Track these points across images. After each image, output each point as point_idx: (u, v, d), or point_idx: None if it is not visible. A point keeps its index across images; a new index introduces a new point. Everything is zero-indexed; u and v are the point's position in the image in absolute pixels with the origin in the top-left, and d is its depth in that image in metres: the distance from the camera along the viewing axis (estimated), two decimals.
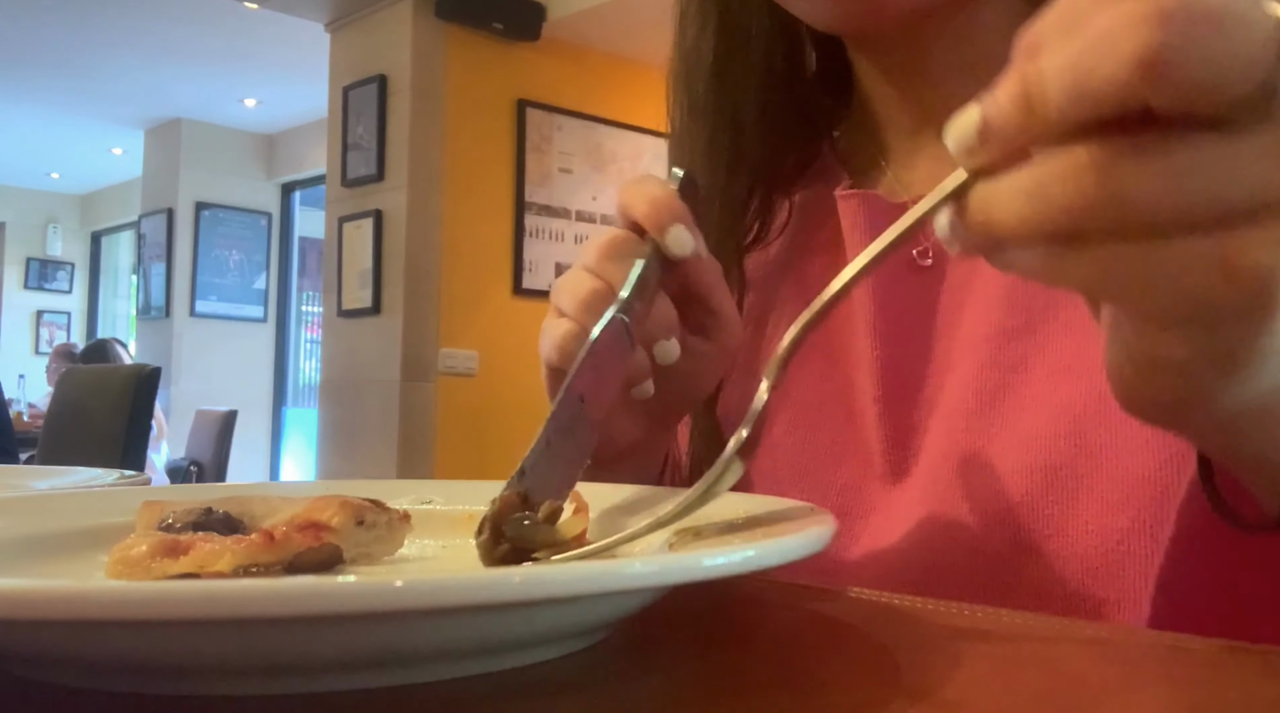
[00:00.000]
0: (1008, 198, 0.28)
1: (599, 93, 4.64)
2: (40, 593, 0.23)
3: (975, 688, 0.28)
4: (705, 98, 0.67)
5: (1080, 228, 0.27)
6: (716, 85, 0.66)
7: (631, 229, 0.52)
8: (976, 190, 0.29)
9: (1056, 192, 0.27)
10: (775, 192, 0.68)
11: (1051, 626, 0.35)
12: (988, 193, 0.29)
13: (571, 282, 0.52)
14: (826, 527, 0.32)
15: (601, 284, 0.51)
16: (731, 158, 0.66)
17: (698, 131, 0.67)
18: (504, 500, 0.40)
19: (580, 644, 0.31)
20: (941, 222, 0.31)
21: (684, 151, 0.68)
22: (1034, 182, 0.28)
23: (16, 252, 9.64)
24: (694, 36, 0.67)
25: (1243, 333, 0.29)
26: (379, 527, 0.41)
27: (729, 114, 0.66)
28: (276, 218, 7.53)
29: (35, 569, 0.39)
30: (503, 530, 0.39)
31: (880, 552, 0.54)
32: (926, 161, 0.62)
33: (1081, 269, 0.29)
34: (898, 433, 0.56)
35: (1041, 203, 0.28)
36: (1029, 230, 0.28)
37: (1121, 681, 0.29)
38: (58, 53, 6.11)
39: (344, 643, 0.26)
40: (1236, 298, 0.28)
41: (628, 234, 0.52)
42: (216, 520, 0.39)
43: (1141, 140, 0.27)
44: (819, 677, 0.30)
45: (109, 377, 2.79)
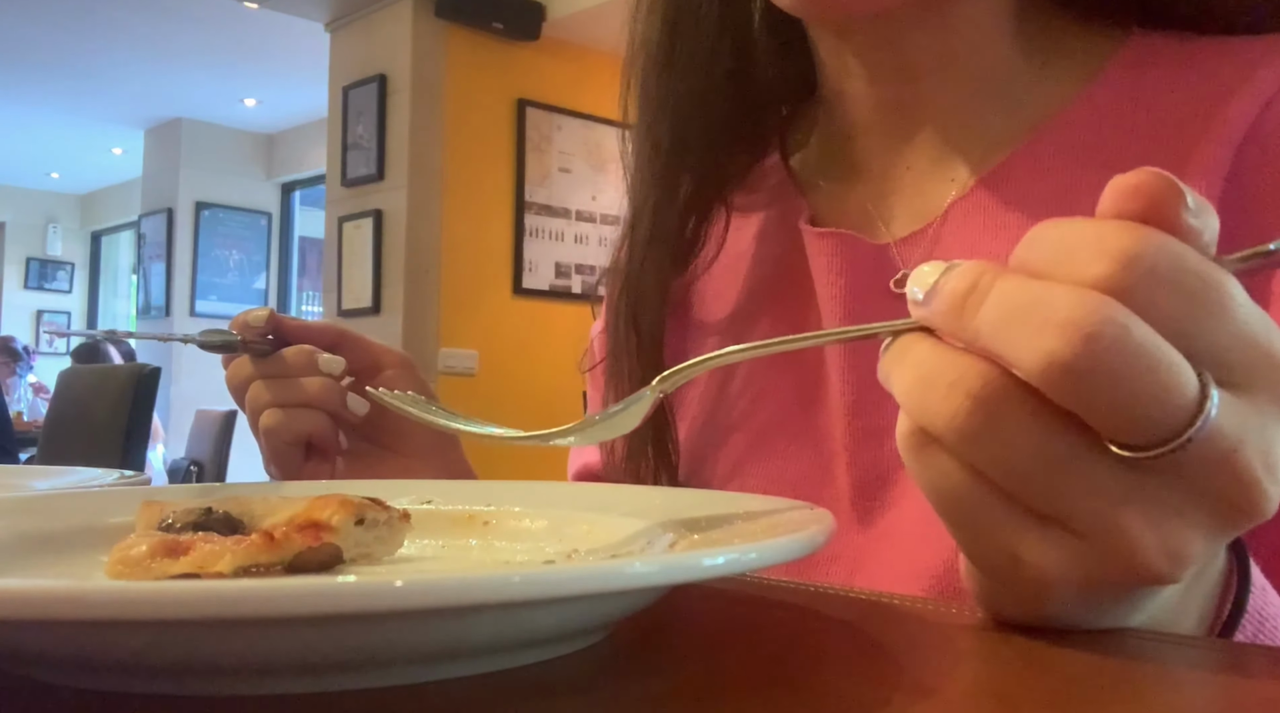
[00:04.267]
0: (910, 369, 0.29)
1: (599, 93, 4.64)
2: (40, 593, 0.23)
3: (975, 688, 0.28)
4: (645, 88, 0.65)
5: (938, 435, 0.28)
6: (659, 75, 0.65)
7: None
8: (906, 338, 0.30)
9: (934, 389, 0.28)
10: (716, 199, 0.66)
11: (1051, 626, 0.35)
12: (907, 347, 0.30)
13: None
14: (825, 527, 0.32)
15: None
16: (670, 158, 0.65)
17: (640, 123, 0.66)
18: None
19: (580, 644, 0.31)
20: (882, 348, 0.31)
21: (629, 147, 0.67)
22: (929, 370, 0.28)
23: (16, 252, 9.64)
24: (643, 23, 0.65)
25: (1025, 604, 0.31)
26: (379, 526, 0.41)
27: (670, 106, 0.64)
28: (276, 218, 7.53)
29: (35, 569, 0.39)
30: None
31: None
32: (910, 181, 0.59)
33: (916, 465, 0.30)
34: (865, 481, 0.55)
35: (923, 391, 0.28)
36: (902, 402, 0.30)
37: (1121, 681, 0.29)
38: (58, 53, 6.11)
39: (344, 643, 0.26)
40: (1014, 579, 0.30)
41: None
42: (216, 520, 0.39)
43: (1029, 400, 0.27)
44: (819, 677, 0.30)
45: (109, 377, 2.79)
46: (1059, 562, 0.28)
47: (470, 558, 0.45)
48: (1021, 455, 0.27)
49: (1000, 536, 0.29)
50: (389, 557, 0.42)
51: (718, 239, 0.66)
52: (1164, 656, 0.32)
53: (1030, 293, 0.27)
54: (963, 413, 0.27)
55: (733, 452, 0.61)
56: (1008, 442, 0.27)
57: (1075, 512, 0.27)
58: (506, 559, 0.44)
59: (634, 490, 0.50)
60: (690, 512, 0.41)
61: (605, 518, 0.44)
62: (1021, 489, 0.28)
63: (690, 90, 0.64)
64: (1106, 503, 0.27)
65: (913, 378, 0.29)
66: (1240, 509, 0.27)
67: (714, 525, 0.39)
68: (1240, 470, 0.27)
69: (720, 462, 0.62)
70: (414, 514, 0.47)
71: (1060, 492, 0.27)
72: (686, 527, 0.40)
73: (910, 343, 0.30)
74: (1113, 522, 0.27)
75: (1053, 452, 0.27)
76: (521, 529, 0.46)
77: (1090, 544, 0.28)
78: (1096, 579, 0.28)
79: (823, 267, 0.58)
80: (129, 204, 8.44)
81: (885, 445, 0.54)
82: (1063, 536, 0.28)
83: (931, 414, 0.28)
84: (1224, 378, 0.27)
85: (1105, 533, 0.27)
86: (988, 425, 0.27)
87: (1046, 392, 0.26)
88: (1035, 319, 0.26)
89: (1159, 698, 0.28)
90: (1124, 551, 0.27)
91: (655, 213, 0.65)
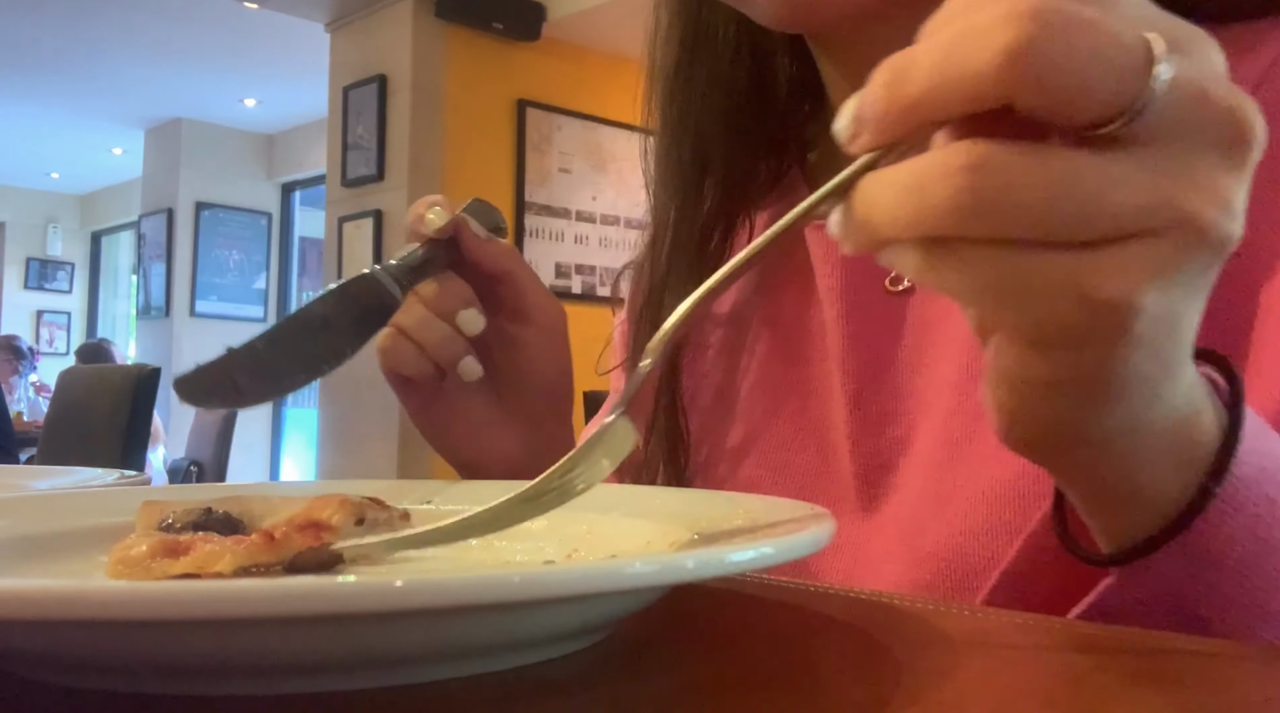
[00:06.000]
0: (887, 193, 0.28)
1: (599, 93, 4.64)
2: (40, 593, 0.23)
3: (975, 688, 0.28)
4: (666, 110, 0.66)
5: (953, 231, 0.27)
6: (677, 95, 0.65)
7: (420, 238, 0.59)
8: (862, 184, 0.29)
9: (932, 190, 0.27)
10: (740, 213, 0.66)
11: (1051, 626, 0.35)
12: (871, 187, 0.29)
13: None
14: (826, 526, 0.32)
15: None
16: (692, 173, 0.65)
17: (660, 141, 0.66)
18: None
19: (580, 644, 0.31)
20: (833, 218, 0.30)
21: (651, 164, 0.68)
22: (913, 177, 0.27)
23: (16, 252, 9.64)
24: (661, 49, 0.66)
25: (1104, 359, 0.29)
26: (379, 526, 0.41)
27: (690, 126, 0.65)
28: (276, 218, 7.53)
29: (35, 569, 0.39)
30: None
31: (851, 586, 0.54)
32: None
33: (953, 276, 0.28)
34: (869, 470, 0.55)
35: (918, 200, 0.27)
36: (905, 230, 0.28)
37: (1121, 681, 0.29)
38: (58, 53, 6.11)
39: (344, 643, 0.26)
40: (1093, 325, 0.28)
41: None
42: (216, 521, 0.39)
43: (1018, 146, 0.26)
44: (819, 677, 0.30)
45: (109, 377, 2.79)
46: (1134, 270, 0.27)
47: (470, 558, 0.45)
48: (1042, 195, 0.26)
49: (1066, 284, 0.27)
50: (389, 557, 0.42)
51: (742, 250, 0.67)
52: (1163, 656, 0.32)
53: (957, 29, 0.27)
54: (965, 192, 0.26)
55: (737, 442, 0.62)
56: (1021, 190, 0.26)
57: (1119, 215, 0.27)
58: (506, 559, 0.44)
59: (634, 490, 0.50)
60: (690, 512, 0.41)
61: (605, 518, 0.44)
62: (1061, 226, 0.27)
63: (711, 109, 0.65)
64: (1142, 189, 0.26)
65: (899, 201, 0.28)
66: (1238, 135, 0.27)
67: (715, 525, 0.39)
68: (1218, 100, 0.27)
69: (725, 453, 0.62)
70: (414, 514, 0.47)
71: (1096, 205, 0.26)
72: (687, 527, 0.40)
73: (878, 179, 0.28)
74: (1160, 201, 0.27)
75: (1066, 173, 0.26)
76: (521, 529, 0.46)
77: (1152, 237, 0.27)
78: (1173, 268, 0.27)
79: (821, 259, 0.59)
80: (129, 204, 8.44)
81: (887, 433, 0.55)
82: (1123, 248, 0.27)
83: (937, 216, 0.27)
84: (1165, 37, 0.27)
85: (1159, 217, 0.27)
86: (995, 185, 0.26)
87: (1016, 93, 0.26)
88: (973, 34, 0.26)
89: (1159, 698, 0.28)
90: (1185, 222, 0.27)
91: (678, 227, 0.65)
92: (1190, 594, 0.35)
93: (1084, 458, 0.34)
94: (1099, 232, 0.27)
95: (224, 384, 0.50)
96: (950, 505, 0.49)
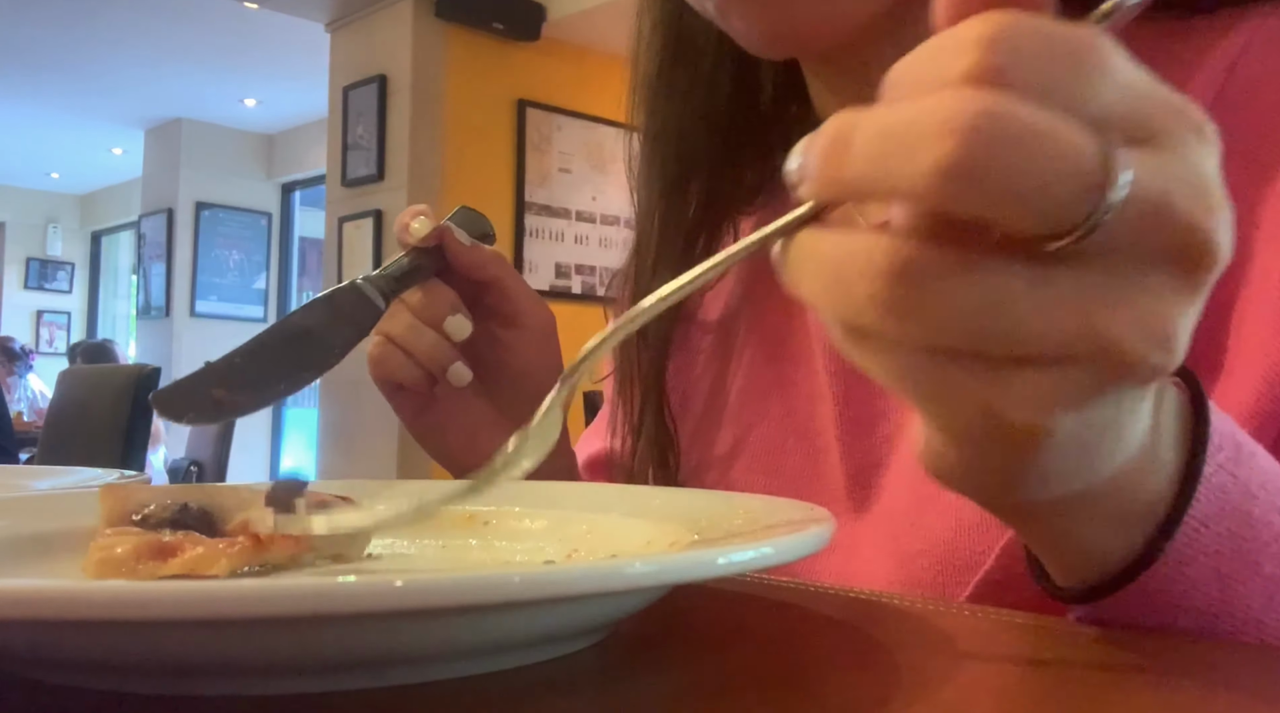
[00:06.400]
0: (814, 273, 0.27)
1: (599, 93, 4.64)
2: (40, 593, 0.23)
3: (975, 688, 0.28)
4: (650, 118, 0.66)
5: (869, 327, 0.26)
6: (660, 101, 0.65)
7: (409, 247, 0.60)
8: (795, 243, 0.27)
9: (852, 283, 0.25)
10: (724, 219, 0.66)
11: (1051, 625, 0.35)
12: (800, 255, 0.27)
13: None
14: (826, 526, 0.32)
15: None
16: (676, 179, 0.65)
17: (644, 149, 0.66)
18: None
19: (580, 644, 0.31)
20: (775, 252, 0.28)
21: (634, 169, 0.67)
22: (835, 266, 0.26)
23: (16, 252, 9.64)
24: (644, 49, 0.66)
25: (1013, 464, 0.28)
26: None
27: (674, 132, 0.65)
28: (276, 218, 7.53)
29: (35, 569, 0.39)
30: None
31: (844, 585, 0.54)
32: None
33: (869, 360, 0.27)
34: (859, 469, 0.55)
35: (838, 290, 0.26)
36: (825, 312, 0.27)
37: (1121, 681, 0.29)
38: (58, 53, 6.11)
39: (344, 643, 0.26)
40: (1000, 437, 0.27)
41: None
42: (194, 517, 0.39)
43: (949, 255, 0.24)
44: (819, 677, 0.30)
45: (109, 377, 2.79)
46: (1048, 398, 0.25)
47: (470, 558, 0.45)
48: (962, 310, 0.24)
49: (976, 399, 0.26)
50: (359, 556, 0.42)
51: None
52: (1163, 656, 0.32)
53: (897, 114, 0.24)
54: (883, 296, 0.25)
55: (727, 447, 0.62)
56: (942, 303, 0.24)
57: (1042, 339, 0.25)
58: (506, 559, 0.44)
59: (634, 490, 0.50)
60: (690, 512, 0.41)
61: (605, 518, 0.44)
62: (978, 343, 0.25)
63: (694, 115, 0.65)
64: (1069, 314, 0.24)
65: (821, 280, 0.26)
66: (1197, 257, 0.25)
67: (714, 525, 0.39)
68: (1179, 216, 0.24)
69: (716, 458, 0.63)
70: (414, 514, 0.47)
71: (1018, 326, 0.24)
72: (686, 527, 0.40)
73: (806, 243, 0.27)
74: (1086, 330, 0.24)
75: (991, 290, 0.24)
76: (521, 529, 0.46)
77: (1073, 365, 0.25)
78: (1091, 398, 0.26)
79: None
80: (129, 204, 8.44)
81: (876, 432, 0.55)
82: (1039, 372, 0.25)
83: (854, 310, 0.26)
84: (1128, 135, 0.24)
85: (1083, 345, 0.25)
86: (914, 295, 0.24)
87: (948, 207, 0.24)
88: (910, 137, 0.24)
89: (1159, 698, 0.28)
90: (1110, 354, 0.25)
91: (662, 233, 0.65)
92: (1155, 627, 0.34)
93: (1023, 516, 0.33)
94: (1018, 352, 0.25)
95: (202, 398, 0.50)
96: (939, 501, 0.49)
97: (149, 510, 0.38)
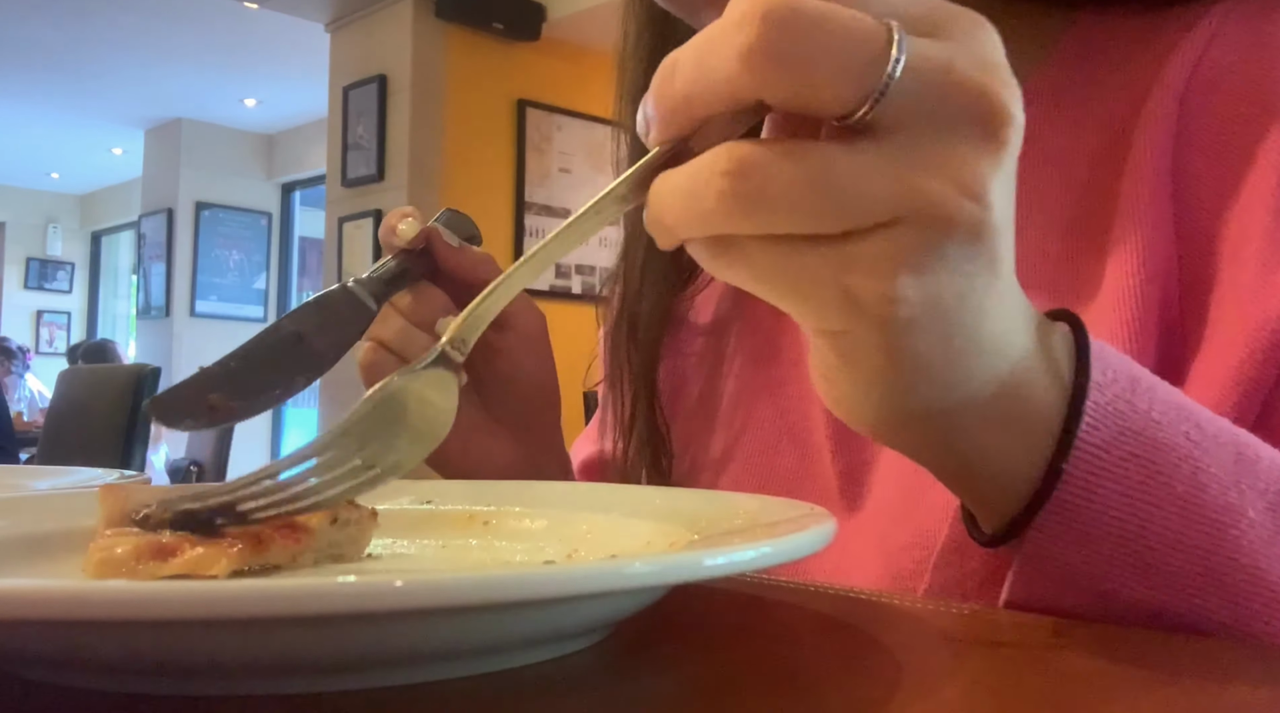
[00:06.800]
0: (671, 197, 0.30)
1: (599, 93, 4.61)
2: (40, 593, 0.23)
3: (975, 688, 0.28)
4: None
5: (727, 231, 0.29)
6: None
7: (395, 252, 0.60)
8: (655, 184, 0.30)
9: (702, 194, 0.28)
10: None
11: (1051, 626, 0.35)
12: (659, 188, 0.30)
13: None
14: (826, 526, 0.32)
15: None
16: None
17: (632, 154, 0.66)
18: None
19: (580, 644, 0.31)
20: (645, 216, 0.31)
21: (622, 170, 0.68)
22: (687, 181, 0.29)
23: (16, 252, 9.65)
24: (630, 53, 0.66)
25: (881, 345, 0.30)
26: (351, 525, 0.41)
27: None
28: (276, 218, 7.54)
29: (35, 569, 0.39)
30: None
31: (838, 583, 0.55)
32: None
33: (735, 271, 0.30)
34: (851, 468, 0.56)
35: (693, 204, 0.29)
36: (689, 231, 0.30)
37: (1121, 681, 0.29)
38: (58, 53, 6.12)
39: (344, 643, 0.26)
40: (858, 313, 0.29)
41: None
42: (193, 517, 0.39)
43: (776, 145, 0.28)
44: (819, 677, 0.30)
45: (109, 377, 2.79)
46: (887, 262, 0.28)
47: (470, 558, 0.45)
48: (794, 189, 0.27)
49: (829, 281, 0.29)
50: (359, 556, 0.42)
51: None
52: (1164, 656, 0.32)
53: (706, 31, 0.28)
54: (729, 191, 0.28)
55: (719, 450, 0.63)
56: (776, 187, 0.27)
57: (866, 204, 0.27)
58: (506, 559, 0.44)
59: (634, 490, 0.50)
60: (690, 512, 0.41)
61: (605, 518, 0.44)
62: (815, 221, 0.28)
63: None
64: (886, 179, 0.27)
65: (679, 202, 0.29)
66: (991, 119, 0.28)
67: (714, 525, 0.39)
68: (968, 83, 0.27)
69: (709, 460, 0.63)
70: (414, 514, 0.47)
71: (843, 197, 0.27)
72: (686, 527, 0.40)
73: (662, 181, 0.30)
74: (903, 190, 0.27)
75: (814, 167, 0.27)
76: (521, 529, 0.46)
77: (900, 226, 0.28)
78: (925, 256, 0.28)
79: None
80: (129, 204, 8.44)
81: None
82: (873, 240, 0.28)
83: (709, 216, 0.28)
84: (913, 29, 0.27)
85: (904, 205, 0.27)
86: (754, 184, 0.27)
87: (761, 93, 0.27)
88: (716, 38, 0.27)
89: (1159, 698, 0.28)
90: (929, 210, 0.27)
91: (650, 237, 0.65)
92: (1086, 570, 0.35)
93: (921, 438, 0.34)
94: (851, 222, 0.28)
95: (198, 404, 0.50)
96: (928, 495, 0.50)
97: (148, 510, 0.38)
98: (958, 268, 0.29)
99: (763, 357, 0.62)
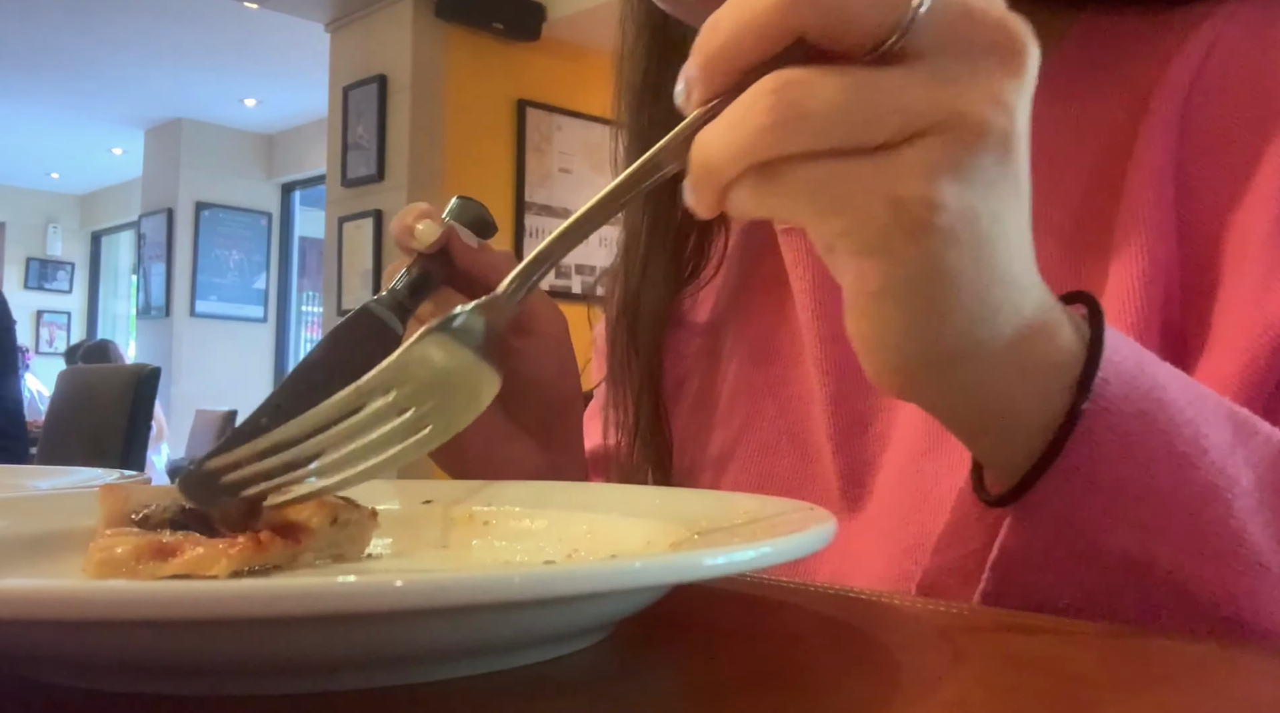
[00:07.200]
0: (715, 134, 0.31)
1: (599, 93, 4.61)
2: (40, 593, 0.23)
3: (975, 688, 0.28)
4: (636, 117, 0.66)
5: (772, 152, 0.30)
6: (646, 104, 0.65)
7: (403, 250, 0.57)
8: (697, 136, 0.32)
9: (747, 118, 0.30)
10: (713, 222, 0.66)
11: (1051, 625, 0.35)
12: (703, 135, 0.32)
13: None
14: (827, 526, 0.32)
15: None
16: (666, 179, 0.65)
17: (633, 152, 0.66)
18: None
19: (580, 644, 0.31)
20: (685, 185, 0.33)
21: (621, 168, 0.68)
22: (732, 113, 0.31)
23: (16, 252, 9.65)
24: (628, 54, 0.66)
25: (921, 257, 0.31)
26: (351, 525, 0.41)
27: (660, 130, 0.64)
28: (276, 218, 7.54)
29: (35, 569, 0.39)
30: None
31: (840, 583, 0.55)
32: None
33: (781, 199, 0.31)
34: (852, 469, 0.56)
35: (739, 131, 0.30)
36: (734, 162, 0.31)
37: (1121, 681, 0.29)
38: (58, 53, 6.12)
39: (344, 643, 0.26)
40: (900, 221, 0.31)
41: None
42: (193, 516, 0.39)
43: (815, 68, 0.30)
44: (819, 677, 0.30)
45: (109, 377, 2.79)
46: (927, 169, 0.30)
47: (470, 558, 0.45)
48: (837, 107, 0.29)
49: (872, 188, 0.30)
50: (359, 556, 0.42)
51: (719, 255, 0.67)
52: (1164, 656, 0.32)
53: None
54: (774, 107, 0.30)
55: (719, 451, 0.62)
56: (820, 104, 0.29)
57: (904, 117, 0.30)
58: (506, 559, 0.44)
59: (634, 490, 0.50)
60: (690, 512, 0.41)
61: (605, 518, 0.44)
62: (858, 134, 0.30)
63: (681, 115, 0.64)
64: (921, 94, 0.30)
65: (723, 137, 0.31)
66: (1010, 46, 0.31)
67: (714, 525, 0.39)
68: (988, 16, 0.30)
69: (709, 461, 0.63)
70: (414, 514, 0.47)
71: (882, 109, 0.30)
72: (686, 526, 0.40)
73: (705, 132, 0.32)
74: (936, 103, 0.30)
75: (855, 85, 0.30)
76: (521, 529, 0.46)
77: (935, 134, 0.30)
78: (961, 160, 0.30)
79: (793, 262, 0.60)
80: (129, 204, 8.44)
81: (868, 431, 0.56)
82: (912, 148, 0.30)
83: (754, 142, 0.30)
84: None
85: (938, 114, 0.30)
86: (799, 104, 0.30)
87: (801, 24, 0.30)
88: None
89: (1159, 698, 0.28)
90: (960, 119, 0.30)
91: (652, 233, 0.66)
92: (1080, 525, 0.36)
93: (945, 383, 0.35)
94: (890, 131, 0.30)
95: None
96: (932, 495, 0.50)
97: (148, 510, 0.38)
98: (990, 180, 0.31)
99: (761, 356, 0.62)
